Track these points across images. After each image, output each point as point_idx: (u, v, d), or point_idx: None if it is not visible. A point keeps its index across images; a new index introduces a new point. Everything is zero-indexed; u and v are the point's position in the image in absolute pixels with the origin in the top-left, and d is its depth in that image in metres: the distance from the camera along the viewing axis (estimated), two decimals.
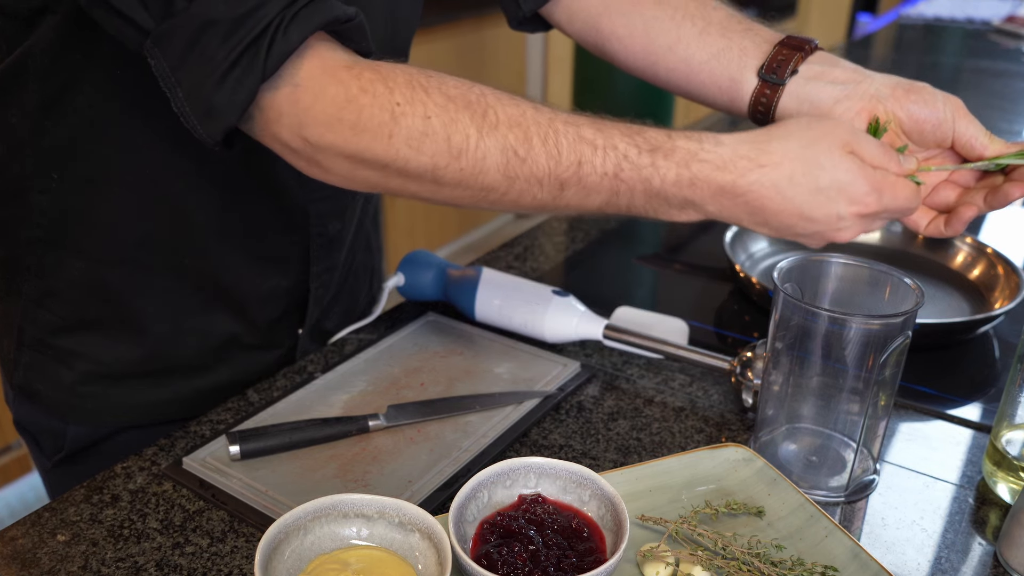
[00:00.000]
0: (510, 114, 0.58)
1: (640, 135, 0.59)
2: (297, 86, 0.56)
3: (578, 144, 0.58)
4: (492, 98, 0.58)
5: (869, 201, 0.60)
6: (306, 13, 0.55)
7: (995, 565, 0.60)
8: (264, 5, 0.54)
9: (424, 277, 0.90)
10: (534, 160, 0.57)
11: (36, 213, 0.74)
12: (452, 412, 0.73)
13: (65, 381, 0.80)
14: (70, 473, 0.84)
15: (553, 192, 0.59)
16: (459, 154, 0.57)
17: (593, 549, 0.54)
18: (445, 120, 0.57)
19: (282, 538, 0.51)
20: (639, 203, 0.60)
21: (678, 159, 0.58)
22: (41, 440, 0.85)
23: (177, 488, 0.66)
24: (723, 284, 1.00)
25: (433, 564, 0.51)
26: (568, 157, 0.57)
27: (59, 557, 0.59)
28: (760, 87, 0.72)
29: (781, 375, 0.66)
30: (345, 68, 0.57)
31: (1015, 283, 0.90)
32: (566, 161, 0.57)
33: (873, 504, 0.65)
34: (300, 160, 0.60)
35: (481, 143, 0.57)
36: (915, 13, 3.00)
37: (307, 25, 0.55)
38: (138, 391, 0.81)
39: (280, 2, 0.55)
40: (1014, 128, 1.64)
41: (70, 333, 0.78)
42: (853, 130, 0.61)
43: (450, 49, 2.92)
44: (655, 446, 0.71)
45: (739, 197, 0.60)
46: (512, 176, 0.58)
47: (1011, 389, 0.64)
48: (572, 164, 0.58)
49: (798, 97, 0.71)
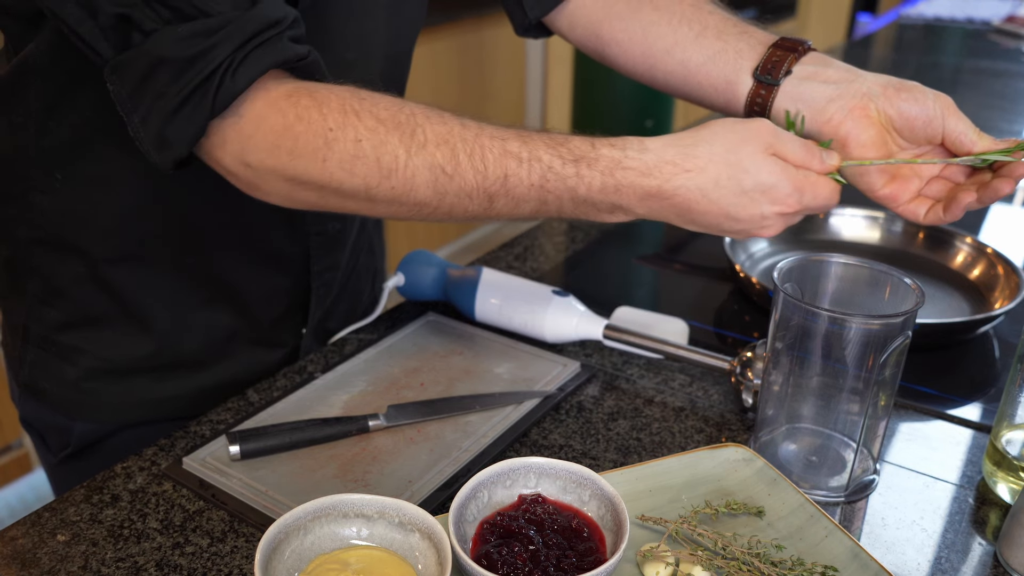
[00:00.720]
0: (438, 132, 0.60)
1: (564, 146, 0.61)
2: (241, 116, 0.59)
3: (503, 158, 0.60)
4: (421, 117, 0.60)
5: (791, 201, 0.63)
6: (256, 55, 0.58)
7: (995, 565, 0.60)
8: (215, 47, 0.57)
9: (424, 277, 0.90)
10: (462, 176, 0.60)
11: (37, 213, 0.75)
12: (452, 412, 0.73)
13: (70, 378, 0.80)
14: (76, 470, 0.84)
15: (483, 204, 0.61)
16: (389, 174, 0.59)
17: (593, 549, 0.54)
18: (375, 142, 0.59)
19: (282, 538, 0.51)
20: (568, 209, 0.63)
21: (602, 168, 0.60)
22: (47, 437, 0.85)
23: (177, 488, 0.66)
24: (723, 284, 1.00)
25: (433, 564, 0.51)
26: (494, 171, 0.60)
27: (59, 557, 0.59)
28: (755, 88, 0.73)
29: (781, 375, 0.66)
30: (285, 97, 0.59)
31: (1015, 283, 0.90)
32: (492, 175, 0.60)
33: (873, 504, 0.65)
34: (240, 182, 0.63)
35: (410, 162, 0.59)
36: (915, 13, 3.00)
37: (255, 67, 0.58)
38: (143, 388, 0.82)
39: (231, 44, 0.57)
40: (1014, 128, 1.64)
41: (74, 330, 0.79)
42: (776, 132, 0.63)
43: (450, 49, 2.92)
44: (655, 446, 0.71)
45: (666, 200, 0.62)
46: (442, 192, 0.60)
47: (1011, 389, 0.64)
48: (499, 178, 0.60)
49: (792, 97, 0.72)
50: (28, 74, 0.70)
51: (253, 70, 0.58)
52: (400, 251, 2.66)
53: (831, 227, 1.09)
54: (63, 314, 0.78)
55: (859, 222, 1.09)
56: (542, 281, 0.93)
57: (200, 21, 0.56)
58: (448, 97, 2.97)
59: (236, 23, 0.57)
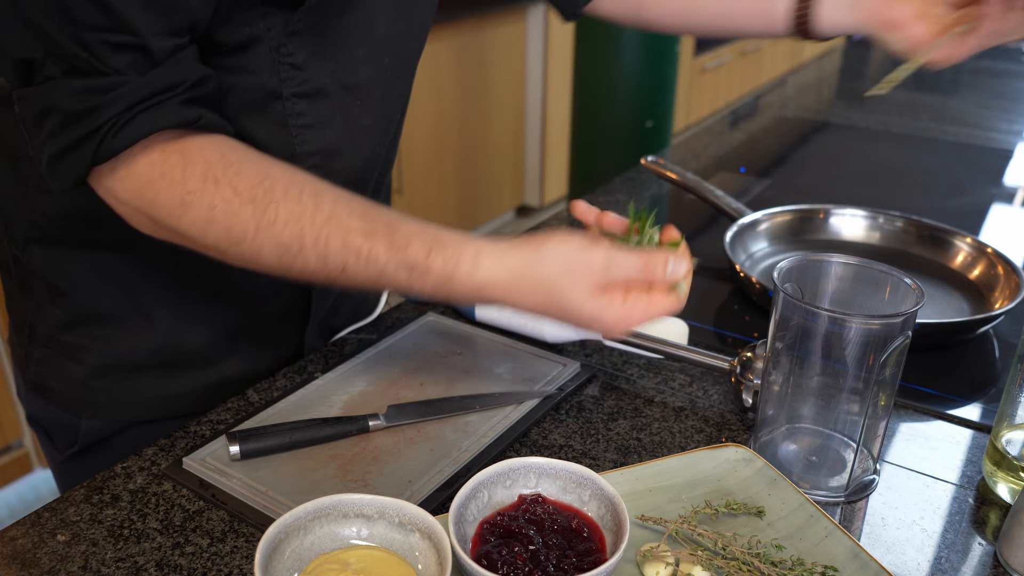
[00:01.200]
0: (291, 211, 0.62)
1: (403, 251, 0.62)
2: (117, 159, 0.62)
3: (343, 251, 0.62)
4: (280, 193, 0.62)
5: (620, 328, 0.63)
6: (142, 119, 0.60)
7: (995, 565, 0.60)
8: (102, 107, 0.59)
9: None
10: (304, 259, 0.62)
11: (39, 214, 0.75)
12: (452, 412, 0.73)
13: (77, 376, 0.81)
14: (83, 467, 0.85)
15: (329, 280, 0.64)
16: (239, 242, 0.62)
17: (593, 549, 0.54)
18: (227, 212, 0.61)
19: (282, 538, 0.51)
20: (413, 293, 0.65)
21: (432, 280, 0.62)
22: (54, 435, 0.86)
23: (177, 488, 0.66)
24: (723, 284, 1.00)
25: (433, 564, 0.51)
26: (334, 261, 0.62)
27: (59, 557, 0.59)
28: (799, 1, 0.83)
29: (781, 375, 0.66)
30: (159, 150, 0.62)
31: (1015, 283, 0.90)
32: (332, 264, 0.62)
33: (873, 504, 0.65)
34: (118, 210, 0.66)
35: (257, 237, 0.62)
36: None
37: (138, 131, 0.60)
38: (149, 385, 0.83)
39: (118, 106, 0.59)
40: (1014, 128, 1.64)
41: (80, 327, 0.80)
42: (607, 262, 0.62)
43: (450, 49, 2.92)
44: (655, 446, 0.71)
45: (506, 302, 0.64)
46: (288, 266, 0.63)
47: (1011, 389, 0.64)
48: (337, 267, 0.62)
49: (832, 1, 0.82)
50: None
51: (135, 133, 0.60)
52: None
53: (831, 227, 1.10)
54: (67, 312, 0.79)
55: (859, 222, 1.09)
56: None
57: (94, 79, 0.59)
58: (448, 97, 2.97)
59: (127, 86, 0.59)
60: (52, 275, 0.78)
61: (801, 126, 1.68)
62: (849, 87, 2.07)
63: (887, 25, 0.79)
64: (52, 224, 0.76)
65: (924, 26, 0.77)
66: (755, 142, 1.55)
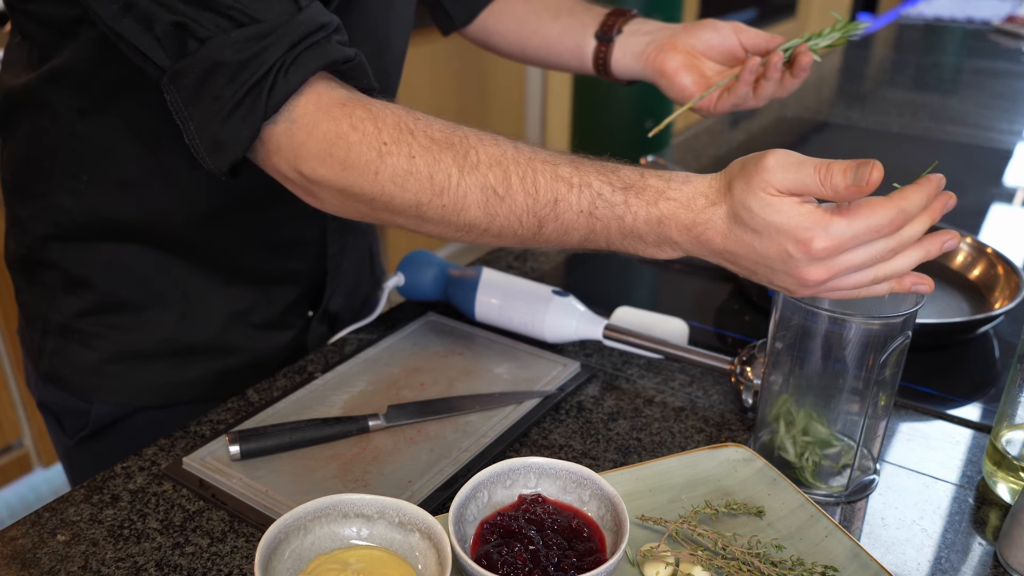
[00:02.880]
0: (491, 154, 0.60)
1: (615, 173, 0.60)
2: (294, 122, 0.61)
3: (555, 182, 0.60)
4: (475, 139, 0.61)
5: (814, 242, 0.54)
6: (306, 56, 0.60)
7: (995, 565, 0.60)
8: (267, 49, 0.59)
9: (424, 277, 0.90)
10: (512, 198, 0.60)
11: (60, 212, 0.77)
12: (452, 412, 0.73)
13: (90, 363, 0.82)
14: (92, 451, 0.86)
15: (533, 228, 0.61)
16: (441, 191, 0.60)
17: (593, 549, 0.54)
18: (428, 160, 0.60)
19: (282, 538, 0.51)
20: (616, 240, 0.61)
21: (647, 198, 0.59)
22: (64, 420, 0.87)
23: (177, 488, 0.66)
24: (723, 284, 1.00)
25: (433, 564, 0.51)
26: (545, 195, 0.60)
27: (59, 557, 0.59)
28: (597, 46, 0.93)
29: (781, 375, 0.66)
30: (339, 105, 0.61)
31: (1015, 283, 0.90)
32: (543, 199, 0.60)
33: (873, 504, 0.65)
34: (298, 189, 0.64)
35: (462, 181, 0.60)
36: (915, 13, 3.00)
37: (307, 68, 0.60)
38: (161, 372, 0.84)
39: (282, 46, 0.59)
40: (1014, 128, 1.64)
41: (98, 315, 0.81)
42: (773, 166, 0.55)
43: (450, 49, 2.92)
44: (655, 446, 0.71)
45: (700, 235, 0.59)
46: (492, 213, 0.61)
47: (1011, 389, 0.64)
48: (549, 202, 0.60)
49: (622, 48, 0.91)
50: (59, 81, 0.72)
51: (305, 70, 0.60)
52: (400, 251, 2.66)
53: None
54: (85, 302, 0.81)
55: None
56: (542, 281, 0.93)
57: (252, 26, 0.59)
58: (448, 97, 2.97)
59: (286, 27, 0.59)
60: (72, 268, 0.80)
61: (801, 126, 1.68)
62: (849, 87, 2.07)
63: (660, 74, 0.87)
64: (73, 223, 0.77)
65: (691, 77, 0.86)
66: (755, 142, 1.55)
